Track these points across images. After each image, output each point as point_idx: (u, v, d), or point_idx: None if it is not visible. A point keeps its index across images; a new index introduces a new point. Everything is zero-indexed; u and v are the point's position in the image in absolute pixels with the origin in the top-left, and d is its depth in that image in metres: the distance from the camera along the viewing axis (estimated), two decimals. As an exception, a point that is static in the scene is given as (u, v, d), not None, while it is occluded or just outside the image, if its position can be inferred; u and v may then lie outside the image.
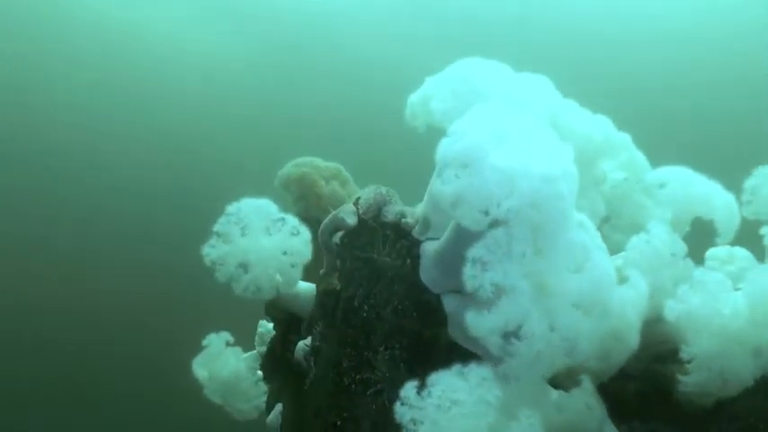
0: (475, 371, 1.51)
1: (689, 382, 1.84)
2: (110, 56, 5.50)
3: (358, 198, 2.00)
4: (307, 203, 2.65)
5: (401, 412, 1.48)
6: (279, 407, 2.40)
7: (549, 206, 1.47)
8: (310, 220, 2.50)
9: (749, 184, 2.27)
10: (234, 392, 2.74)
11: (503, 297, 1.46)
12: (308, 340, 2.12)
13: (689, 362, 1.83)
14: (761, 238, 2.25)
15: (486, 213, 1.45)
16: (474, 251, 1.49)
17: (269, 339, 2.73)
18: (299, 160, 2.80)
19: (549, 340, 1.47)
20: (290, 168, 2.73)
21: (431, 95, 2.02)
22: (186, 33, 5.65)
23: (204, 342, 2.77)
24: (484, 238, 1.49)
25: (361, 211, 1.98)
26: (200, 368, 2.74)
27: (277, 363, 2.36)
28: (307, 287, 2.28)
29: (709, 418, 1.96)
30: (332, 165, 2.84)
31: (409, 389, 1.50)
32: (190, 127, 5.42)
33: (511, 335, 1.47)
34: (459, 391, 1.47)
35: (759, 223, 2.28)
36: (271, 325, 2.75)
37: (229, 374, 2.73)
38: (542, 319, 1.47)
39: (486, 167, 1.45)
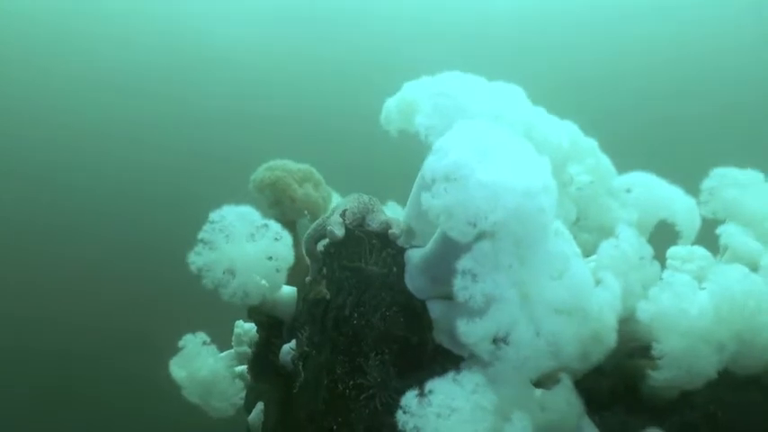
0: (468, 377, 1.60)
1: (659, 378, 1.96)
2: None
3: (345, 210, 2.04)
4: (282, 207, 2.68)
5: (403, 420, 1.56)
6: (260, 405, 2.44)
7: (532, 219, 1.55)
8: (287, 223, 2.54)
9: (707, 185, 2.42)
10: (212, 392, 2.73)
11: (492, 306, 1.55)
12: (293, 344, 2.16)
13: (659, 359, 1.94)
14: (716, 236, 2.40)
15: (474, 226, 1.53)
16: (463, 263, 1.57)
17: (246, 340, 2.77)
18: (271, 163, 2.79)
19: (536, 345, 1.56)
20: (263, 172, 2.73)
21: (409, 102, 2.08)
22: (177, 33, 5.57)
23: (180, 343, 2.76)
24: (472, 250, 1.57)
25: (347, 222, 2.02)
26: (178, 369, 2.72)
27: (263, 365, 2.39)
28: (288, 291, 2.33)
29: (672, 408, 2.09)
30: (304, 167, 2.84)
31: (410, 398, 1.57)
32: (176, 127, 5.34)
33: (500, 340, 1.56)
34: (457, 399, 1.55)
35: (715, 222, 2.43)
36: (247, 325, 2.78)
37: (208, 374, 2.72)
38: (529, 325, 1.56)
39: (471, 183, 1.53)
